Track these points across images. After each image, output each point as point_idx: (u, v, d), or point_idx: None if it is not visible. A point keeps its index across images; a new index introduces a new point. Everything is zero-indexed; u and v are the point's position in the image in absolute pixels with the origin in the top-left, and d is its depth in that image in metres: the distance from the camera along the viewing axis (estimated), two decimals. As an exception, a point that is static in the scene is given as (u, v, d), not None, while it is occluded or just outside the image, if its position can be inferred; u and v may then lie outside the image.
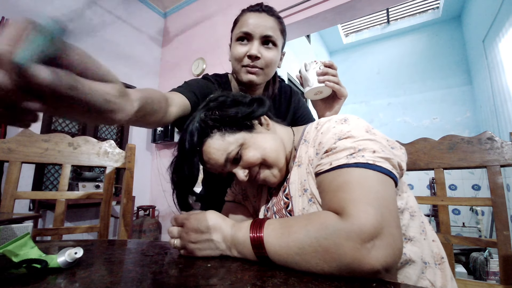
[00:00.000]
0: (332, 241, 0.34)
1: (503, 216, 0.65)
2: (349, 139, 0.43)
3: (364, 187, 0.38)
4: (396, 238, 0.35)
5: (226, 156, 0.50)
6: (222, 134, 0.51)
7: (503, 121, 2.55)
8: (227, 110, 0.52)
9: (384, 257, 0.33)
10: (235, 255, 0.43)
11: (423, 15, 4.06)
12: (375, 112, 4.30)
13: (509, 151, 0.67)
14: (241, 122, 0.52)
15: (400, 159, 0.44)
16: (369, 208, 0.35)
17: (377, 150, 0.41)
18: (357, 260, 0.33)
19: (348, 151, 0.41)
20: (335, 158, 0.42)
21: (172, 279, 0.34)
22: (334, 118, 0.49)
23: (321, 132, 0.48)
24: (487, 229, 2.96)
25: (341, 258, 0.33)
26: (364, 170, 0.39)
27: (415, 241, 0.45)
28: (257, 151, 0.51)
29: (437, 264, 0.46)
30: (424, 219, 0.49)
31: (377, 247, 0.33)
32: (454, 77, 3.72)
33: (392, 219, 0.36)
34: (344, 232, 0.34)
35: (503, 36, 2.40)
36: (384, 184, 0.39)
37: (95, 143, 0.95)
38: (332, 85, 0.68)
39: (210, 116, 0.51)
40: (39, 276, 0.34)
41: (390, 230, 0.35)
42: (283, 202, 0.53)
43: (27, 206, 2.14)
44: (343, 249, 0.33)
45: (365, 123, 0.47)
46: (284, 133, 0.59)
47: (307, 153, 0.51)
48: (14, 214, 0.72)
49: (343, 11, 2.11)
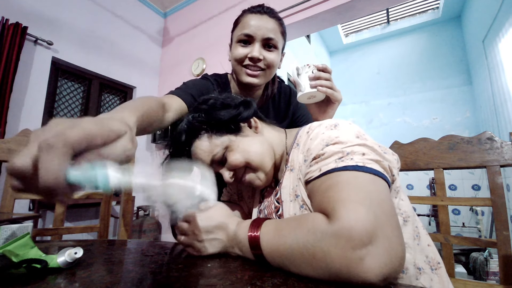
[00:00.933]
0: (319, 248, 0.31)
1: (503, 216, 0.65)
2: (337, 145, 0.41)
3: (354, 186, 0.35)
4: (393, 242, 0.31)
5: (212, 158, 0.52)
6: (209, 136, 0.52)
7: (503, 121, 2.55)
8: (215, 112, 0.53)
9: (380, 267, 0.28)
10: (237, 253, 0.44)
11: (423, 15, 4.06)
12: (375, 112, 4.30)
13: (509, 151, 0.67)
14: (227, 125, 0.53)
15: (392, 165, 0.43)
16: (359, 207, 0.32)
17: (367, 153, 0.40)
18: (346, 269, 0.29)
19: (337, 156, 0.40)
20: (324, 164, 0.40)
21: (172, 279, 0.34)
22: (325, 123, 0.48)
23: (310, 137, 0.47)
24: (487, 229, 2.96)
25: (329, 267, 0.30)
26: (353, 172, 0.37)
27: (407, 247, 0.43)
28: (240, 155, 0.52)
29: (433, 270, 0.45)
30: (418, 223, 0.48)
31: (371, 255, 0.29)
32: (454, 77, 3.72)
33: (387, 220, 0.32)
34: (331, 237, 0.31)
35: (503, 36, 2.40)
36: (376, 184, 0.37)
37: (95, 143, 0.95)
38: (325, 90, 0.65)
39: (198, 119, 0.53)
40: (39, 276, 0.34)
41: (386, 232, 0.31)
42: (274, 206, 0.53)
43: (27, 206, 2.13)
44: (330, 257, 0.30)
45: (356, 129, 0.45)
46: (274, 136, 0.58)
47: (298, 157, 0.50)
48: (14, 214, 0.72)
49: (343, 11, 2.11)
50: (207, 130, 0.53)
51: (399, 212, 0.46)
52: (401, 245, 0.32)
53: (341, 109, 4.57)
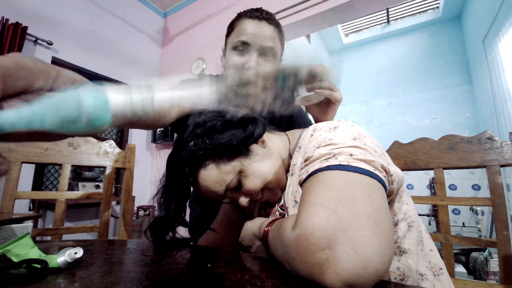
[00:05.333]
0: (287, 255, 0.31)
1: (503, 216, 0.65)
2: (327, 147, 0.40)
3: (326, 187, 0.33)
4: (361, 244, 0.27)
5: (226, 187, 0.47)
6: (217, 164, 0.46)
7: (503, 121, 2.55)
8: (220, 137, 0.46)
9: (341, 272, 0.26)
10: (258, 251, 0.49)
11: (423, 15, 4.05)
12: (375, 112, 4.29)
13: (509, 151, 0.67)
14: (237, 148, 0.47)
15: (387, 163, 0.40)
16: (320, 211, 0.30)
17: (356, 154, 0.37)
18: (310, 276, 0.28)
19: (324, 157, 0.38)
20: (311, 166, 0.39)
21: (172, 279, 0.34)
22: (326, 125, 0.46)
23: (310, 140, 0.46)
24: (487, 229, 2.95)
25: (299, 273, 0.30)
26: (333, 172, 0.35)
27: (410, 253, 0.42)
28: (257, 179, 0.48)
29: (436, 275, 0.44)
30: (422, 227, 0.47)
31: (329, 260, 0.26)
32: (454, 77, 3.72)
33: (358, 221, 0.29)
34: (293, 244, 0.30)
35: (503, 36, 2.40)
36: (354, 182, 0.33)
37: (95, 143, 0.95)
38: (323, 92, 0.61)
39: (201, 146, 0.45)
40: (39, 276, 0.34)
41: (351, 233, 0.27)
42: (279, 213, 0.53)
43: (27, 206, 2.13)
44: (295, 265, 0.30)
45: (355, 131, 0.43)
46: (279, 144, 0.56)
47: (298, 161, 0.50)
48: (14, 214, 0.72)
49: (343, 11, 2.11)
50: (213, 157, 0.46)
51: (404, 217, 0.44)
52: (368, 245, 0.27)
53: (341, 109, 4.54)
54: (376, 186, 0.35)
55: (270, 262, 0.40)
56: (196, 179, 0.48)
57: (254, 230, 0.49)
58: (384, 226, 0.30)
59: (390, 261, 0.28)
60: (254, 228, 0.50)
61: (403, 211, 0.44)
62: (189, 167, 0.47)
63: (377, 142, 0.44)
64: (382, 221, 0.30)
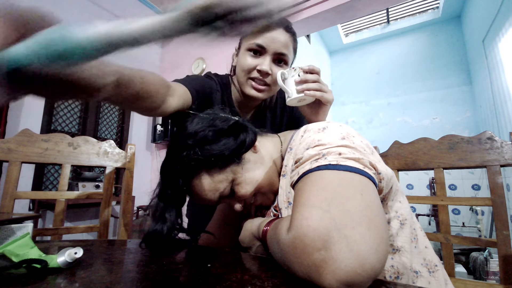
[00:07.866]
0: (285, 258, 0.32)
1: (503, 216, 0.65)
2: (316, 147, 0.40)
3: (317, 187, 0.33)
4: (353, 241, 0.27)
5: (219, 195, 0.49)
6: (210, 173, 0.48)
7: (503, 121, 2.55)
8: (212, 148, 0.47)
9: (338, 272, 0.26)
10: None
11: (423, 15, 4.05)
12: (375, 112, 4.29)
13: (509, 151, 0.67)
14: (229, 158, 0.48)
15: (376, 160, 0.40)
16: (313, 211, 0.30)
17: (344, 153, 0.37)
18: (308, 278, 0.28)
19: (313, 158, 0.39)
20: (302, 167, 0.39)
21: (171, 279, 0.34)
22: (315, 127, 0.47)
23: (300, 142, 0.46)
24: (487, 229, 2.96)
25: (298, 275, 0.30)
26: (323, 172, 0.35)
27: (403, 251, 0.42)
28: (249, 186, 0.50)
29: (431, 272, 0.44)
30: (416, 225, 0.47)
31: (325, 260, 0.27)
32: (454, 77, 3.72)
33: (348, 219, 0.29)
34: (289, 247, 0.30)
35: (503, 36, 2.40)
36: (344, 181, 0.34)
37: (95, 143, 0.95)
38: (313, 94, 0.61)
39: (193, 157, 0.46)
40: (39, 276, 0.34)
41: (345, 232, 0.27)
42: (273, 214, 0.53)
43: (27, 206, 2.14)
44: (293, 267, 0.30)
45: (344, 130, 0.44)
46: (270, 147, 0.56)
47: (289, 162, 0.50)
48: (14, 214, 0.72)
49: (343, 11, 2.11)
50: (206, 168, 0.48)
51: (396, 215, 0.44)
52: (363, 242, 0.27)
53: (341, 109, 4.58)
54: (367, 183, 0.35)
55: (269, 262, 0.40)
56: (189, 188, 0.49)
57: (253, 230, 0.50)
58: (377, 222, 0.30)
59: (386, 257, 0.29)
60: (253, 228, 0.50)
61: (394, 209, 0.45)
62: (182, 177, 0.48)
63: (366, 142, 0.45)
64: (375, 217, 0.30)
